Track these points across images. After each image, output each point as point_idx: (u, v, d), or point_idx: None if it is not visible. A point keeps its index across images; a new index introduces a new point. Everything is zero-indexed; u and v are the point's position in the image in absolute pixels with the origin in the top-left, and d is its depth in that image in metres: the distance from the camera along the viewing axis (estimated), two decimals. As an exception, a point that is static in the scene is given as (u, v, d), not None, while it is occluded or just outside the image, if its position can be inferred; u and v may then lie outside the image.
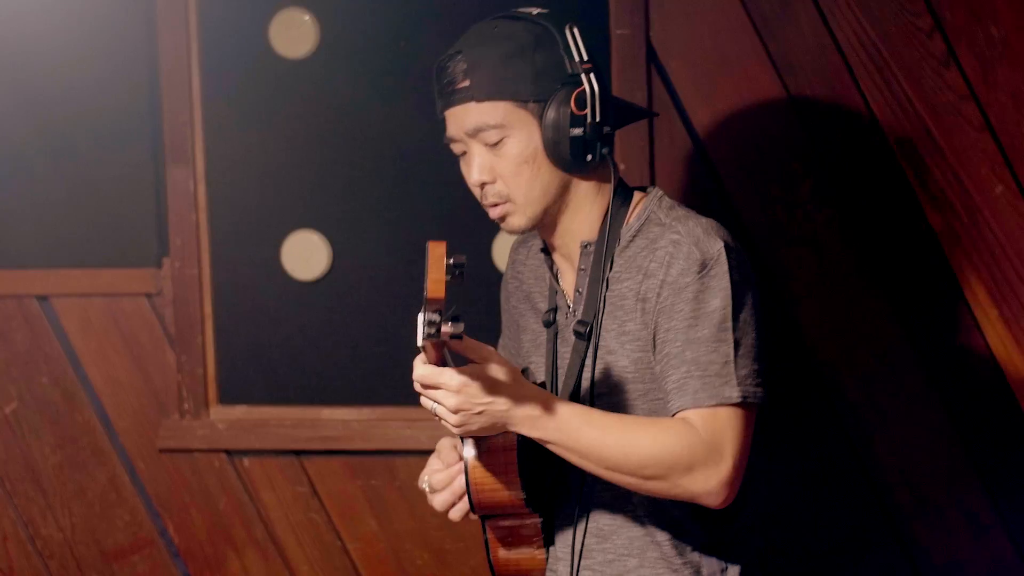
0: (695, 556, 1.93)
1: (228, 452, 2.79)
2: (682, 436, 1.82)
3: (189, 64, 2.70)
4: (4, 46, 2.75)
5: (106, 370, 2.82)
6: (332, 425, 2.73)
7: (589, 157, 1.89)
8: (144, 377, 2.81)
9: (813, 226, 2.50)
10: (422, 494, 2.67)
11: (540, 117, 1.87)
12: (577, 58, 1.88)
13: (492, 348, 1.83)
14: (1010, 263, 2.44)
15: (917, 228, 2.47)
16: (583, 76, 1.87)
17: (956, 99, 2.42)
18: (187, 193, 2.72)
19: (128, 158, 2.74)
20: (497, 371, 1.78)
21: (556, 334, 2.00)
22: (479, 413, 1.77)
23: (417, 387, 1.80)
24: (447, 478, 1.95)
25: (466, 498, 1.93)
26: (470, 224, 2.35)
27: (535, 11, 1.93)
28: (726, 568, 1.94)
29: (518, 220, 1.93)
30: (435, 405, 1.78)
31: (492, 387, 1.77)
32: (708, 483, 1.82)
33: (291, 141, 2.69)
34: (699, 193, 2.53)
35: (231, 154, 2.72)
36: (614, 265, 1.94)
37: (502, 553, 1.98)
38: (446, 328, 1.63)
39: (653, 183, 2.55)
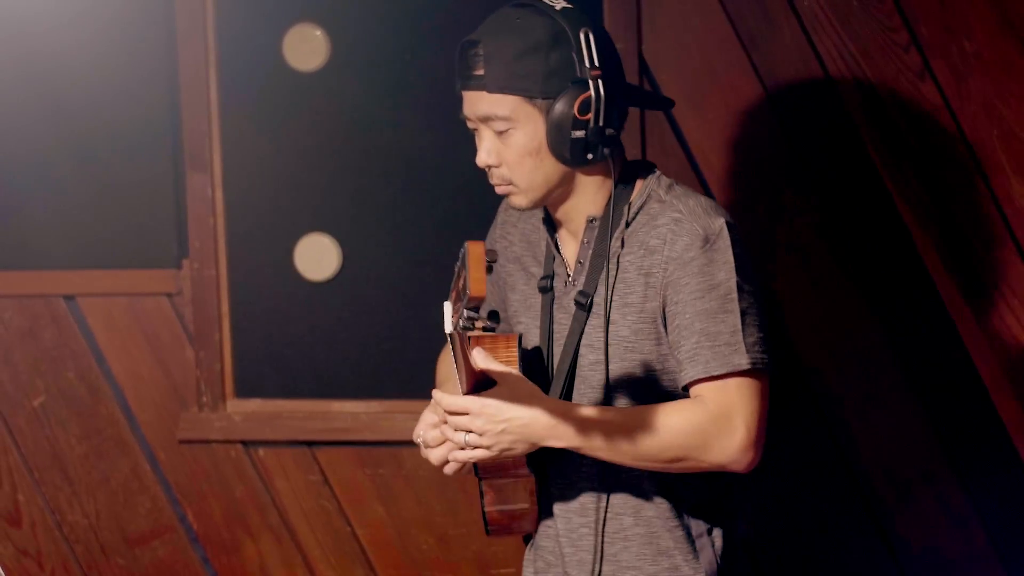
0: (685, 516, 1.96)
1: (244, 443, 2.80)
2: (690, 417, 1.85)
3: (207, 76, 2.71)
4: (33, 59, 2.75)
5: (129, 365, 2.83)
6: (342, 417, 2.74)
7: (590, 156, 1.89)
8: (165, 372, 2.82)
9: (796, 230, 2.52)
10: (428, 482, 2.69)
11: (547, 114, 1.88)
12: (588, 64, 1.87)
13: (511, 370, 1.86)
14: (982, 264, 2.46)
15: (894, 232, 2.48)
16: (590, 82, 1.86)
17: (931, 110, 2.44)
18: (205, 198, 2.74)
19: (149, 165, 2.75)
20: (513, 390, 1.83)
21: (553, 300, 2.01)
22: (502, 431, 1.83)
23: (445, 419, 1.86)
24: (441, 435, 1.94)
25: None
26: (471, 226, 2.28)
27: (559, 5, 1.91)
28: (712, 528, 1.97)
29: (520, 200, 1.95)
30: (465, 436, 1.84)
31: (509, 404, 1.82)
32: (726, 453, 1.85)
33: (304, 149, 2.70)
34: None
35: (247, 161, 2.73)
36: (615, 241, 1.95)
37: (496, 508, 2.00)
38: (481, 323, 1.67)
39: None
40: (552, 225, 2.03)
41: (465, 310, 1.67)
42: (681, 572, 1.95)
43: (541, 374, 2.01)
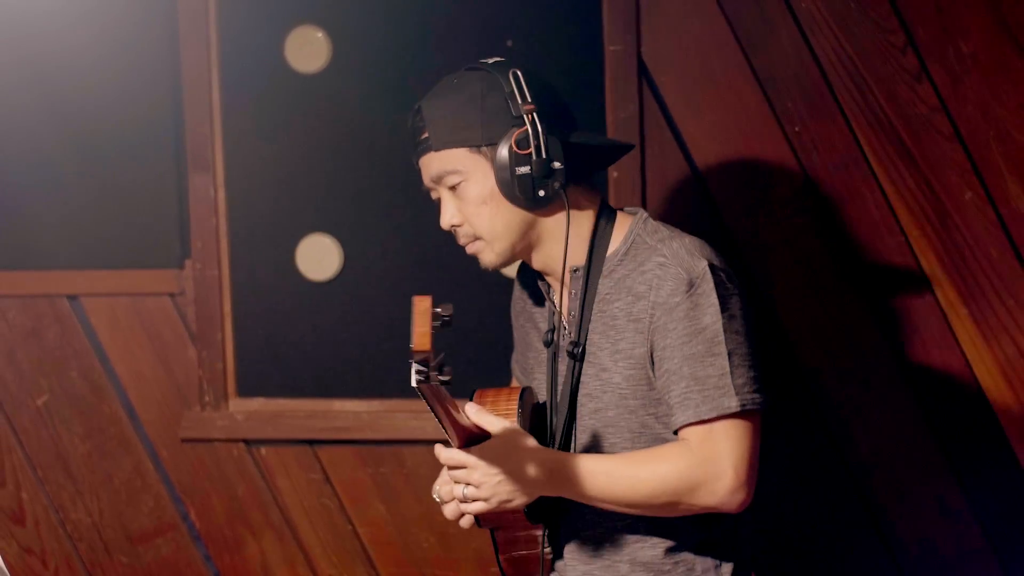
0: (688, 556, 1.98)
1: (246, 442, 2.81)
2: (676, 462, 1.88)
3: (210, 78, 2.72)
4: (37, 62, 2.76)
5: (132, 365, 2.84)
6: (343, 416, 2.75)
7: (541, 192, 1.92)
8: (167, 371, 2.83)
9: (794, 230, 2.53)
10: (428, 481, 2.61)
11: (492, 160, 1.92)
12: (520, 100, 1.91)
13: (505, 422, 1.89)
14: (978, 264, 2.48)
15: (891, 232, 2.50)
16: (524, 117, 1.90)
17: (928, 111, 2.46)
18: (208, 199, 2.75)
19: (152, 166, 2.76)
20: (507, 442, 1.86)
21: (555, 354, 2.05)
22: (499, 483, 1.86)
23: (448, 476, 1.91)
24: (453, 491, 1.98)
25: None
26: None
27: (492, 60, 1.98)
28: (719, 565, 1.98)
29: (488, 256, 1.99)
30: (464, 489, 1.88)
31: (503, 456, 1.86)
32: (715, 496, 1.88)
33: (305, 150, 2.71)
34: (686, 199, 2.55)
35: (249, 162, 2.74)
36: (604, 287, 1.97)
37: (510, 559, 2.05)
38: (434, 375, 1.67)
39: (644, 190, 2.56)
40: (548, 283, 2.07)
41: (414, 364, 1.67)
42: None
43: (545, 424, 2.04)
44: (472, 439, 1.90)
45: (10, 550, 2.90)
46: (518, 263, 2.13)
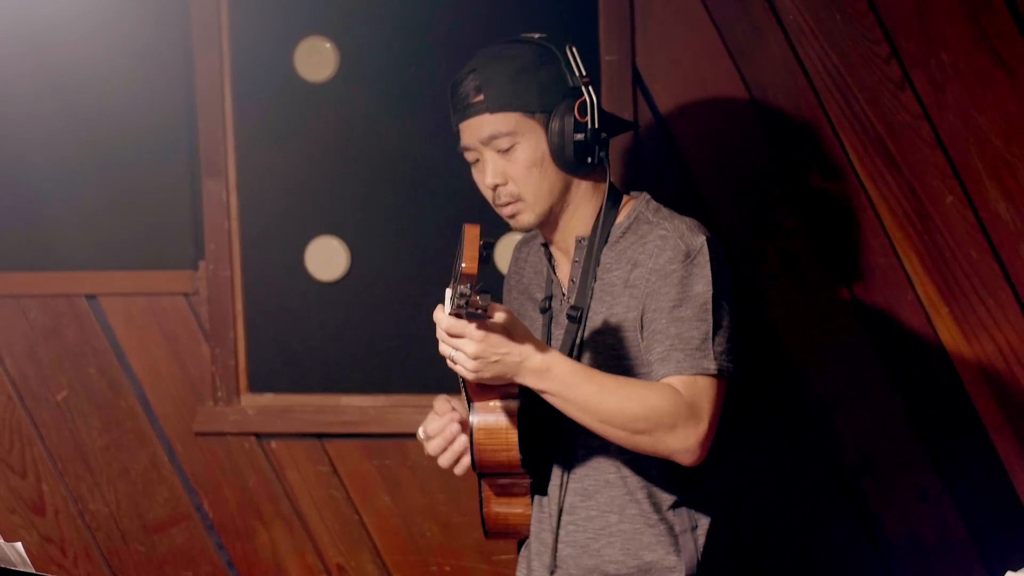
0: (669, 514, 2.04)
1: (257, 435, 2.83)
2: (668, 396, 1.93)
3: (222, 87, 2.75)
4: (58, 71, 2.79)
5: (147, 362, 2.87)
6: (351, 411, 2.77)
7: (589, 159, 2.01)
8: (182, 368, 2.86)
9: (782, 231, 2.55)
10: (432, 473, 2.72)
11: (546, 126, 2.00)
12: (577, 73, 2.01)
13: (507, 308, 1.91)
14: (959, 265, 2.50)
15: (875, 234, 2.52)
16: (584, 88, 2.00)
17: (911, 118, 2.48)
18: (220, 203, 2.78)
19: (167, 171, 2.79)
20: (512, 327, 1.88)
21: (551, 319, 2.11)
22: (495, 362, 1.87)
23: (440, 335, 1.87)
24: (440, 427, 2.04)
25: (455, 446, 2.04)
26: (473, 230, 2.47)
27: (537, 35, 2.06)
28: (696, 525, 2.05)
29: (527, 217, 2.05)
30: (454, 352, 1.87)
31: (509, 340, 1.87)
32: (687, 441, 1.93)
33: (314, 156, 2.73)
34: (680, 202, 2.45)
35: (260, 167, 2.77)
36: (605, 258, 2.04)
37: (494, 507, 2.09)
38: (475, 299, 1.72)
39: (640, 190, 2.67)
40: (550, 253, 2.13)
41: (459, 288, 1.72)
42: (661, 566, 2.04)
43: None
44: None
45: (31, 539, 2.93)
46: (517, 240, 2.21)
